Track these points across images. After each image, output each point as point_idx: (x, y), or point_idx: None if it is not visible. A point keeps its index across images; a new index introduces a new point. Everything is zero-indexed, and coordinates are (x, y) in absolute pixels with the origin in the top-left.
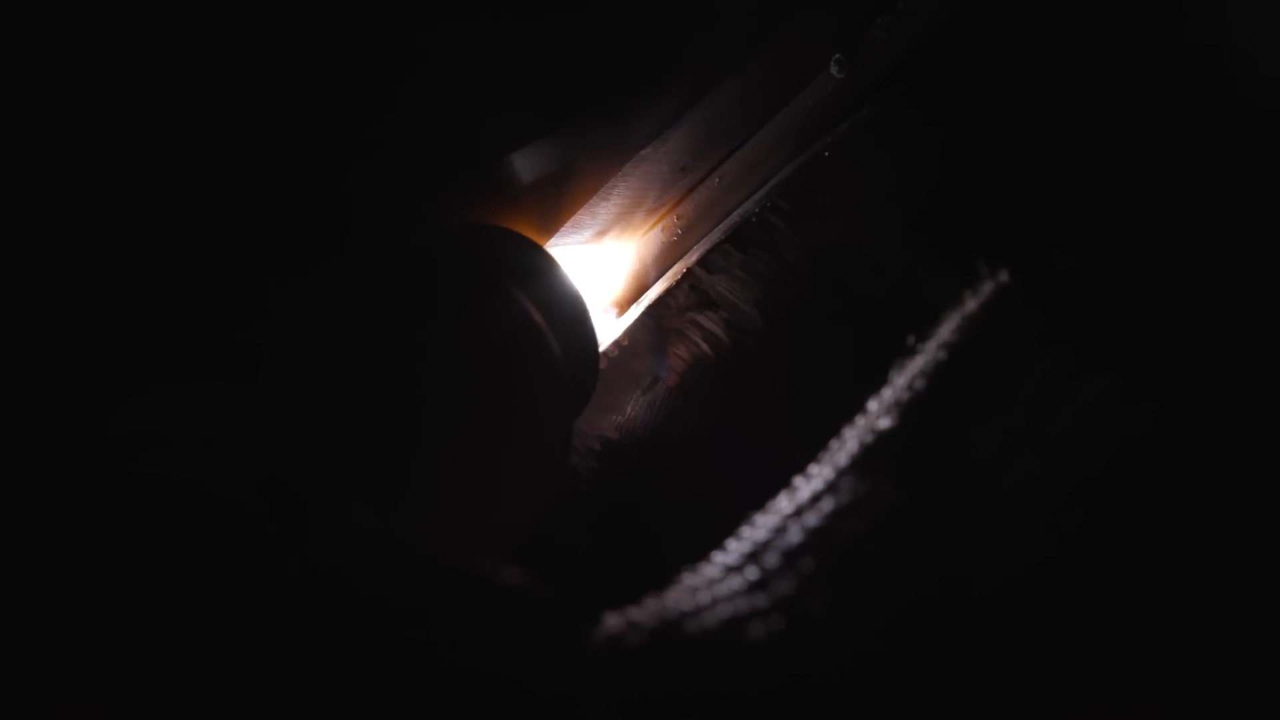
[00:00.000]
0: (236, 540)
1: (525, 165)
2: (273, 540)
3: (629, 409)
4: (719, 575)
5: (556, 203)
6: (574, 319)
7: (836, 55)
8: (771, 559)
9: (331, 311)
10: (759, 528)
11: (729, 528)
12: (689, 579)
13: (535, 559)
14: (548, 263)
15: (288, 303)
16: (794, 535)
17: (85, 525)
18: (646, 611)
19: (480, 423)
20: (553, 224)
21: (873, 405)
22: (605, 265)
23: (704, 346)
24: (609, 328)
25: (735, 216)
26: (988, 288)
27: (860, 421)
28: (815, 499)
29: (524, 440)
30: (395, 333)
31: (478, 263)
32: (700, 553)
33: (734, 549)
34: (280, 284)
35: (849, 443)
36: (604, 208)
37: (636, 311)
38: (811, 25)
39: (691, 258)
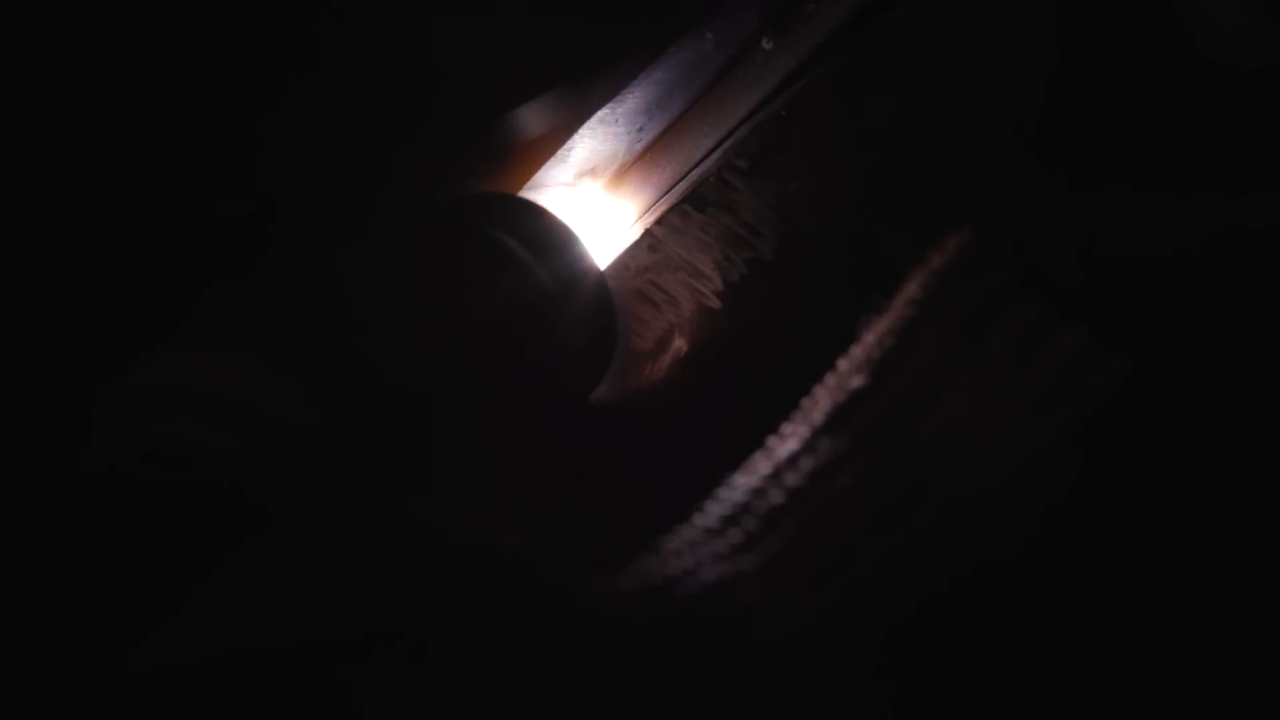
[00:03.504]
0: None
1: (504, 128)
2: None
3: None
4: (699, 539)
5: (516, 164)
6: (592, 290)
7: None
8: (752, 521)
9: (336, 282)
10: (736, 489)
11: (702, 491)
12: (668, 543)
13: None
14: (564, 233)
15: (285, 272)
16: (774, 496)
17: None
18: (630, 576)
19: (491, 394)
20: (511, 186)
21: (842, 364)
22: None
23: (664, 308)
24: None
25: (693, 176)
26: (952, 243)
27: (831, 380)
28: (793, 459)
29: (536, 411)
30: (402, 302)
31: (490, 230)
32: (675, 517)
33: (712, 512)
34: (274, 255)
35: (822, 402)
36: (561, 170)
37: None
38: None
39: (649, 219)
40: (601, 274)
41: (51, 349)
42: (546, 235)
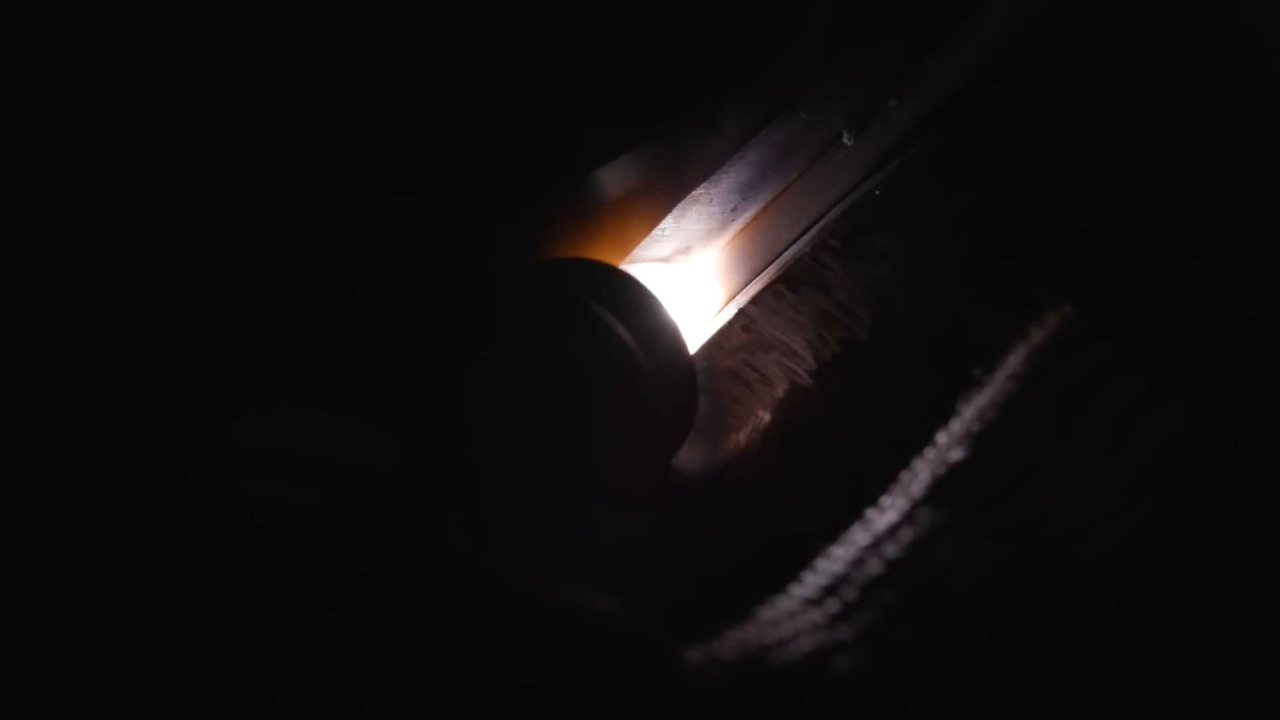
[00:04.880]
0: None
1: (588, 196)
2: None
3: (687, 448)
4: (798, 609)
5: (610, 244)
6: (672, 355)
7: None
8: (851, 591)
9: (427, 341)
10: (835, 560)
11: (799, 563)
12: (766, 613)
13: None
14: (647, 299)
15: (377, 330)
16: (873, 567)
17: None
18: (727, 645)
19: (576, 456)
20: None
21: (942, 437)
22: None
23: (758, 388)
24: None
25: (787, 256)
26: (1053, 319)
27: (930, 454)
28: (892, 531)
29: (620, 474)
30: (491, 363)
31: (576, 294)
32: (774, 587)
33: (810, 582)
34: (368, 308)
35: (921, 474)
36: (655, 249)
37: (692, 351)
38: (862, 64)
39: (743, 298)
40: (680, 335)
41: (155, 401)
42: (628, 298)
